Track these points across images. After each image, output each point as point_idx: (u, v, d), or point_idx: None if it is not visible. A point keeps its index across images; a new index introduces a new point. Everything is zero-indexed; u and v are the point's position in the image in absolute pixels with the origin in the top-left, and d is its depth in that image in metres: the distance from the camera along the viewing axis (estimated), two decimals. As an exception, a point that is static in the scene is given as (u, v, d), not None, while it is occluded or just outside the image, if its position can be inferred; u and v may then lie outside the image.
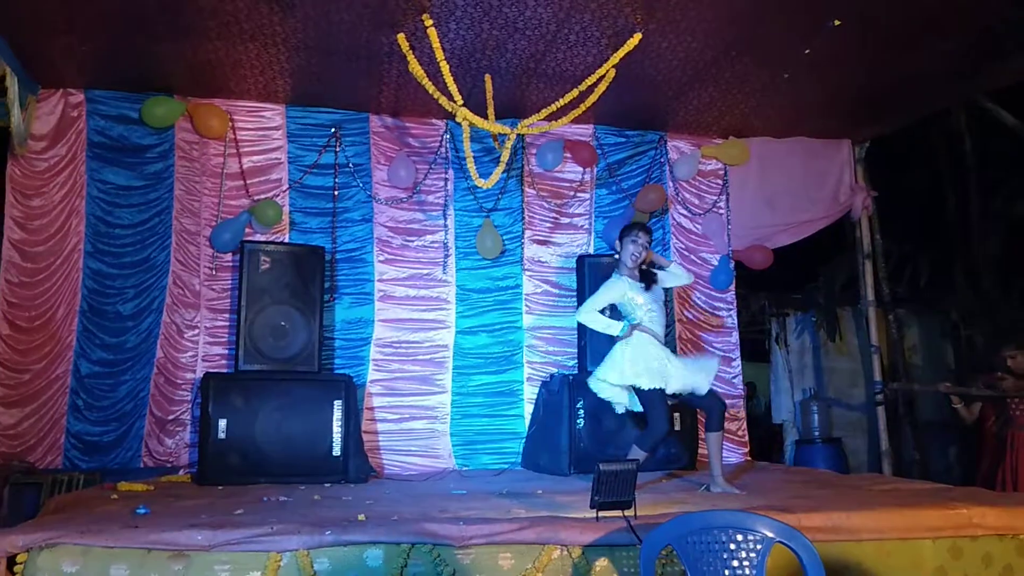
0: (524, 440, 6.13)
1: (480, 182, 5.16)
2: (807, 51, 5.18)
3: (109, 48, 5.19)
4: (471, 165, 5.12)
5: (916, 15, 4.74)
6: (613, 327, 4.57)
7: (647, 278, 4.71)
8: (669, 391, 4.47)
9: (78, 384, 5.49)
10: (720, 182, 6.86)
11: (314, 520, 3.35)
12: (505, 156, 5.13)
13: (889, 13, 4.74)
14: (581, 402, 5.51)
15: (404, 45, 4.85)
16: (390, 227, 6.25)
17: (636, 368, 4.46)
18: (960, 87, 6.11)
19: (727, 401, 6.54)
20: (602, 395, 4.66)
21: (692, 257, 6.75)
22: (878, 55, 5.28)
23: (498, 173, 5.11)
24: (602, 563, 3.19)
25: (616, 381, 4.53)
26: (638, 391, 4.50)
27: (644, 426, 4.53)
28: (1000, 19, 4.82)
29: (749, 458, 6.57)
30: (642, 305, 4.61)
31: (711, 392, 4.59)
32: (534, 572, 3.15)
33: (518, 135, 5.31)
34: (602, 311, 4.66)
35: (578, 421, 5.51)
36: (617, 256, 4.78)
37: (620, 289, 4.64)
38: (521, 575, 3.16)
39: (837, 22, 4.77)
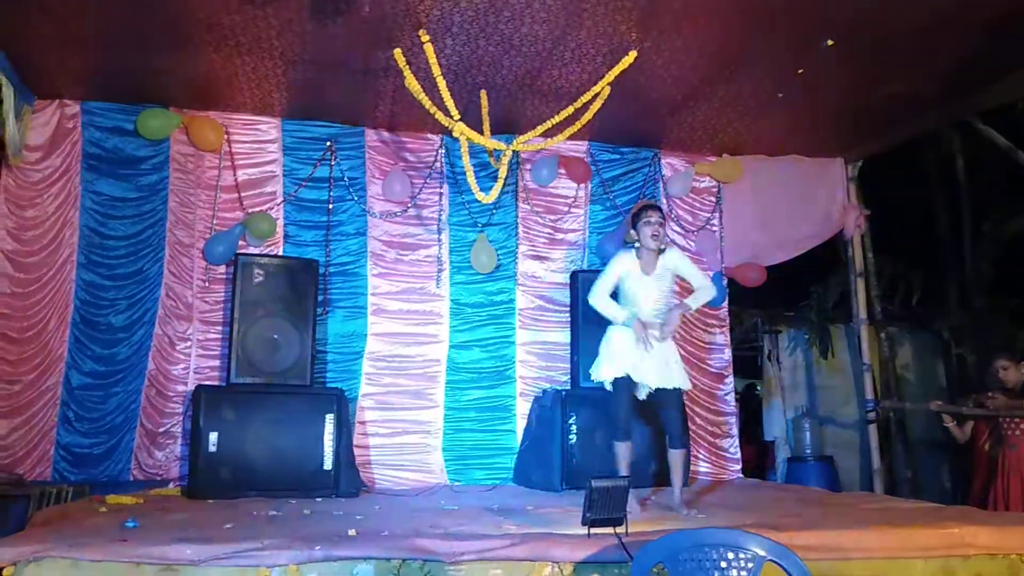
0: (516, 455, 6.11)
1: (481, 196, 5.17)
2: (800, 71, 5.22)
3: (105, 60, 5.20)
4: (471, 179, 5.13)
5: (907, 36, 4.78)
6: (619, 315, 4.54)
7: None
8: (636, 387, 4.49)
9: (68, 396, 5.46)
10: (713, 199, 6.90)
11: (304, 535, 3.33)
12: (503, 172, 5.15)
13: (881, 34, 4.78)
14: (574, 418, 5.52)
15: (400, 60, 4.87)
16: (384, 241, 6.25)
17: (611, 364, 4.50)
18: (951, 108, 6.15)
19: (719, 418, 6.62)
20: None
21: (685, 274, 6.76)
22: (870, 75, 5.32)
23: (498, 188, 5.12)
24: (593, 580, 3.18)
25: (597, 378, 4.58)
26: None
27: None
28: (989, 41, 4.87)
29: (741, 475, 6.57)
30: (640, 291, 4.55)
31: (677, 408, 4.54)
32: (525, 589, 3.14)
33: (513, 151, 5.33)
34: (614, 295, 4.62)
35: (570, 437, 5.51)
36: (636, 244, 4.61)
37: (624, 264, 4.57)
38: (512, 592, 3.15)
39: (830, 42, 4.81)
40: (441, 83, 4.80)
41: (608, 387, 4.57)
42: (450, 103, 4.84)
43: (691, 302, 4.65)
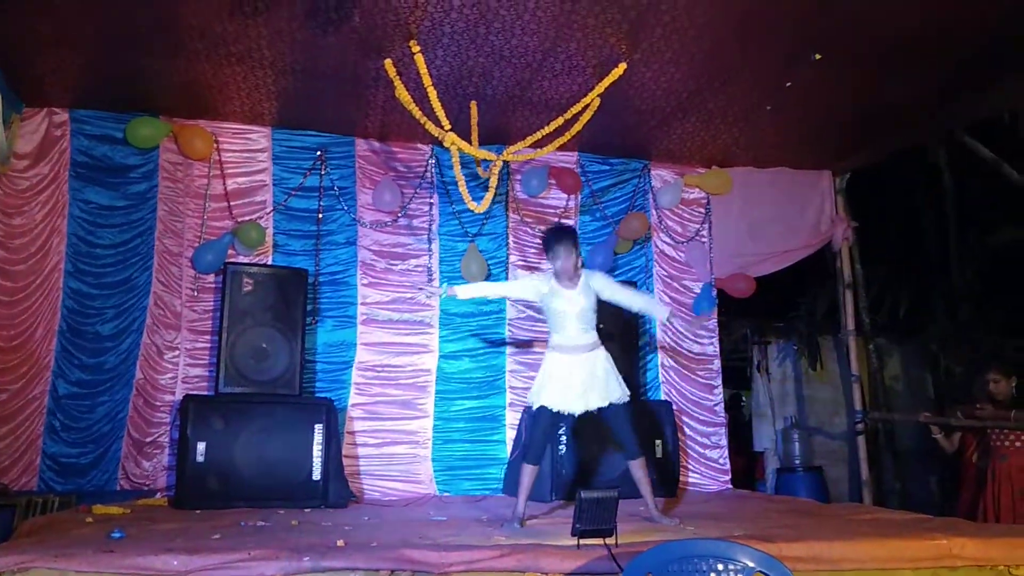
0: (506, 466, 6.10)
1: (473, 206, 5.19)
2: (788, 84, 5.26)
3: (95, 68, 5.19)
4: (463, 189, 5.14)
5: (895, 50, 4.83)
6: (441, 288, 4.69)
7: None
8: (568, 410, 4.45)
9: (55, 405, 5.42)
10: (703, 211, 6.93)
11: (292, 546, 3.31)
12: (494, 181, 5.17)
13: (869, 47, 4.83)
14: (563, 428, 5.51)
15: (391, 71, 4.89)
16: (374, 250, 6.25)
17: (541, 391, 4.47)
18: (938, 120, 6.21)
19: (709, 429, 6.62)
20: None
21: (675, 284, 6.78)
22: (858, 88, 5.37)
23: (489, 198, 5.14)
24: (582, 591, 3.17)
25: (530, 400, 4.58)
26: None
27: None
28: (977, 54, 4.92)
29: (731, 486, 6.57)
30: (560, 312, 4.49)
31: (625, 419, 4.48)
32: (514, 600, 3.13)
33: (504, 161, 5.34)
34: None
35: (560, 448, 5.50)
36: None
37: (540, 286, 4.56)
38: (501, 603, 3.13)
39: (818, 56, 4.85)
40: (432, 94, 4.82)
41: (534, 409, 4.53)
42: (441, 114, 4.86)
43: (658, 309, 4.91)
